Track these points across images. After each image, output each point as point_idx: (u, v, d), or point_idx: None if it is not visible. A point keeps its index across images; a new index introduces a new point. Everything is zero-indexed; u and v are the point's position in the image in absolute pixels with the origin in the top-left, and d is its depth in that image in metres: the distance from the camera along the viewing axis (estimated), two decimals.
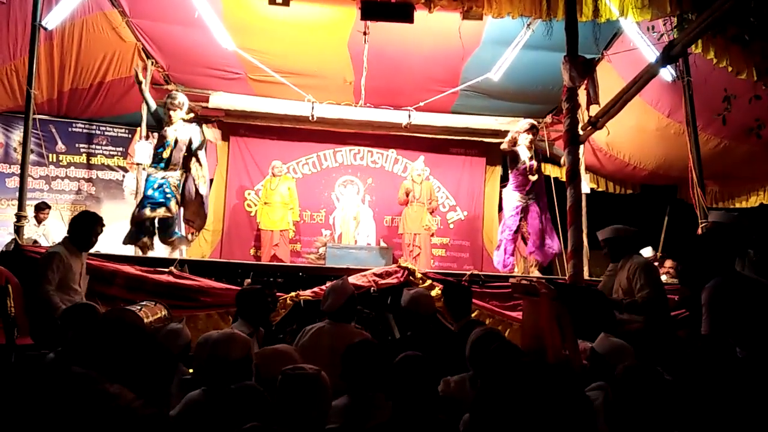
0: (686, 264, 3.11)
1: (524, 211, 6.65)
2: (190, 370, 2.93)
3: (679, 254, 3.25)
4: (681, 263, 3.22)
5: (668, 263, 7.43)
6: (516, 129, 6.87)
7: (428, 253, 8.16)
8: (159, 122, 6.28)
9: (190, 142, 6.22)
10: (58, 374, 0.57)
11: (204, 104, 8.19)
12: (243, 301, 3.66)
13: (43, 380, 0.54)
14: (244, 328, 3.29)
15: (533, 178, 6.57)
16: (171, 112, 6.15)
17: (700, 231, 5.35)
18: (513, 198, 6.69)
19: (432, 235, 8.35)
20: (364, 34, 6.39)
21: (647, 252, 7.61)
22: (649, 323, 3.65)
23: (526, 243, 6.90)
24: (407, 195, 8.10)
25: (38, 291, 4.05)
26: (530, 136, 6.65)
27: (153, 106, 6.29)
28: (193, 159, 6.33)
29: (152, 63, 7.40)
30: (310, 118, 8.11)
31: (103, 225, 4.45)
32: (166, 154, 6.11)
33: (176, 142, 6.13)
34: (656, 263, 7.39)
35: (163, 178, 6.10)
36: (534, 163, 6.57)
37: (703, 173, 5.65)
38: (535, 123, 7.02)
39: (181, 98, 6.30)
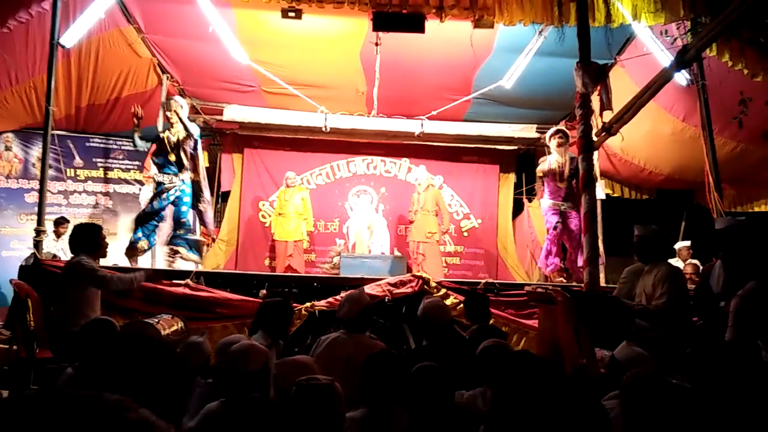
0: (731, 252, 3.05)
1: (562, 215, 6.49)
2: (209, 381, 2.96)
3: (724, 243, 3.17)
4: (726, 252, 3.16)
5: (689, 269, 7.34)
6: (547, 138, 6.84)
7: (437, 261, 8.06)
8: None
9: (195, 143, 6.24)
10: (89, 402, 0.56)
11: (219, 117, 8.29)
12: (264, 313, 3.65)
13: (69, 408, 0.53)
14: (263, 340, 3.29)
15: (561, 185, 6.46)
16: (168, 113, 6.15)
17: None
18: (548, 203, 6.55)
19: (438, 242, 8.26)
20: (376, 44, 6.43)
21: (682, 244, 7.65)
22: (668, 331, 3.59)
23: (565, 253, 6.75)
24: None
25: (106, 284, 4.19)
26: (557, 140, 6.56)
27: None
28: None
29: (167, 78, 7.50)
30: (324, 129, 8.16)
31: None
32: (173, 158, 6.13)
33: (178, 142, 6.14)
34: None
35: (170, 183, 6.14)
36: (565, 170, 6.46)
37: (719, 177, 5.58)
38: (562, 128, 6.91)
39: (180, 100, 6.30)
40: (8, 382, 4.55)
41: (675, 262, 7.89)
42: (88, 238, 4.28)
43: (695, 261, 7.37)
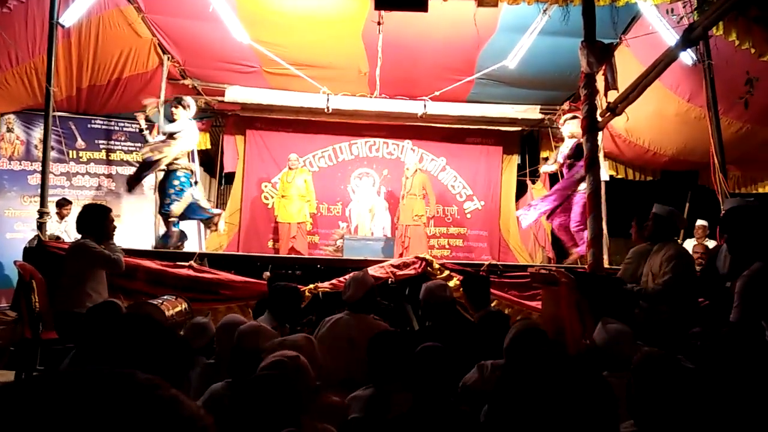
0: (736, 234, 3.04)
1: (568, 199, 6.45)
2: (211, 360, 2.97)
3: (729, 224, 3.16)
4: (731, 233, 3.15)
5: (699, 249, 7.34)
6: (560, 122, 6.77)
7: (420, 244, 8.01)
8: None
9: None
10: (123, 379, 0.57)
11: (220, 98, 8.23)
12: (277, 296, 3.67)
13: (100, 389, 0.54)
14: (270, 322, 3.30)
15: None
16: (174, 109, 6.38)
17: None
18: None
19: (425, 226, 8.26)
20: (378, 24, 6.35)
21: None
22: (673, 312, 3.59)
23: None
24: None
25: (117, 266, 4.18)
26: (576, 121, 6.45)
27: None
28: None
29: (168, 58, 7.45)
30: (326, 110, 8.11)
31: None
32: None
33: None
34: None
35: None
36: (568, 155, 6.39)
37: (725, 158, 5.55)
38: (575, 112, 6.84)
39: (189, 100, 6.57)
40: (14, 363, 4.59)
41: (690, 241, 7.90)
42: (95, 221, 4.23)
43: (710, 242, 7.37)
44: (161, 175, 6.76)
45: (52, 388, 0.54)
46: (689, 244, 7.72)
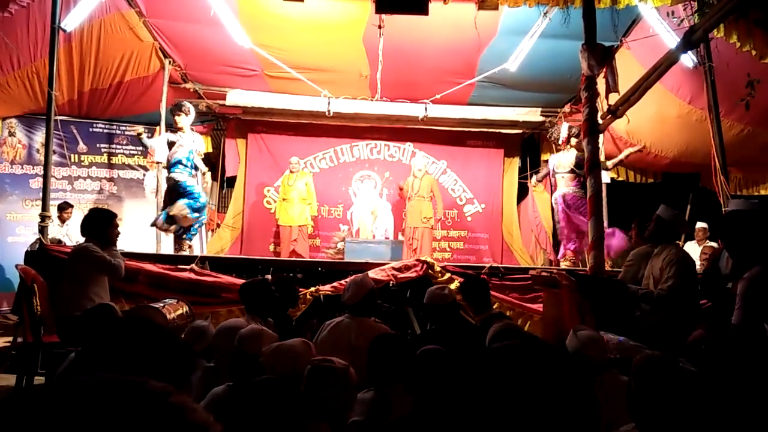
0: (734, 239, 3.04)
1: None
2: (212, 363, 2.97)
3: (724, 230, 3.17)
4: (727, 238, 3.15)
5: (708, 249, 7.34)
6: (561, 140, 6.99)
7: (428, 246, 8.08)
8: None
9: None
10: (134, 387, 0.58)
11: (221, 102, 8.24)
12: (246, 294, 3.68)
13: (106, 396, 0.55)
14: (253, 322, 3.30)
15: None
16: (177, 117, 6.25)
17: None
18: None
19: (432, 228, 8.28)
20: (379, 27, 6.37)
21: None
22: (672, 315, 3.59)
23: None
24: (401, 190, 8.44)
25: (118, 272, 4.15)
26: (575, 139, 6.76)
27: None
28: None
29: (170, 62, 7.46)
30: (327, 114, 8.11)
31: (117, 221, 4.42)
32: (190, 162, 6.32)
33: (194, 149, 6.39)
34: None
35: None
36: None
37: (726, 160, 5.54)
38: (570, 125, 7.09)
39: (189, 105, 6.44)
40: (15, 367, 4.59)
41: (691, 243, 7.90)
42: (100, 225, 4.22)
43: (713, 243, 7.39)
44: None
45: (64, 396, 0.55)
46: (690, 247, 7.72)
